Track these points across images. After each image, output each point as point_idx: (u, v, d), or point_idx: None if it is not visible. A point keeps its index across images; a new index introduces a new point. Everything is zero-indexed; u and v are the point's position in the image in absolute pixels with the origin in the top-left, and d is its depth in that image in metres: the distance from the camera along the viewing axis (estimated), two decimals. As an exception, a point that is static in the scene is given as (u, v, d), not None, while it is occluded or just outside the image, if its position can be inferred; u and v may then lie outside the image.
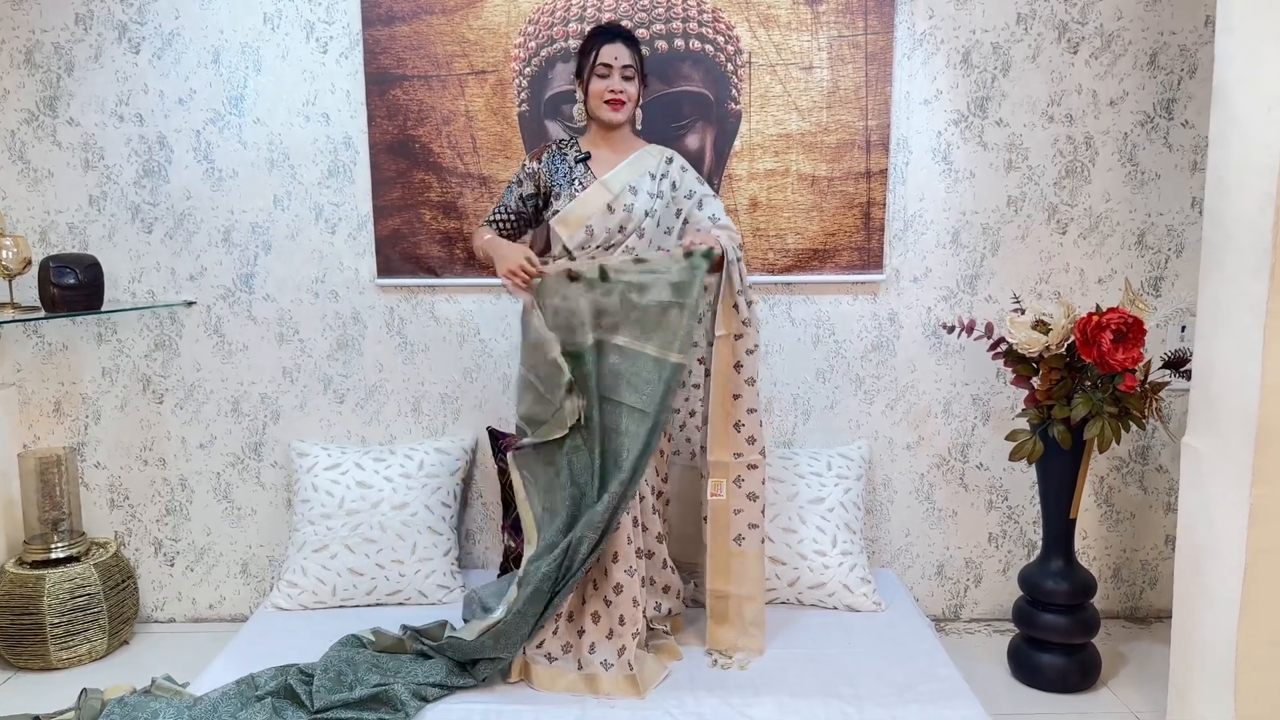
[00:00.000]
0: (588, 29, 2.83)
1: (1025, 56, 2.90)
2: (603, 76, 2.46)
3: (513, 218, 2.56)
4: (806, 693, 2.28)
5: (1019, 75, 2.91)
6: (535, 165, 2.54)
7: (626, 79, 2.47)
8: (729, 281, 2.39)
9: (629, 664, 2.30)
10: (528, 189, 2.54)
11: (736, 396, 2.45)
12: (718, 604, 2.49)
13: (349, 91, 2.93)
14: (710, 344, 2.44)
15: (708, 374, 2.46)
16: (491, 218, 2.57)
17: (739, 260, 2.41)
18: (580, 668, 2.33)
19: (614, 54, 2.46)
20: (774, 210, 2.94)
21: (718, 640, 2.49)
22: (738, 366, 2.44)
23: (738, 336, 2.42)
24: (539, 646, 2.35)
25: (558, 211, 2.48)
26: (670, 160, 2.58)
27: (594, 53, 2.47)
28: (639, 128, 2.62)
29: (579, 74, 2.53)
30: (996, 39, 2.89)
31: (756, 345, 2.46)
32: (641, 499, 2.48)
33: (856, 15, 2.86)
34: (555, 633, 2.36)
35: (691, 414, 2.72)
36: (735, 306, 2.41)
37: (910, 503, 3.11)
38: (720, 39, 2.87)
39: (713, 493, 2.45)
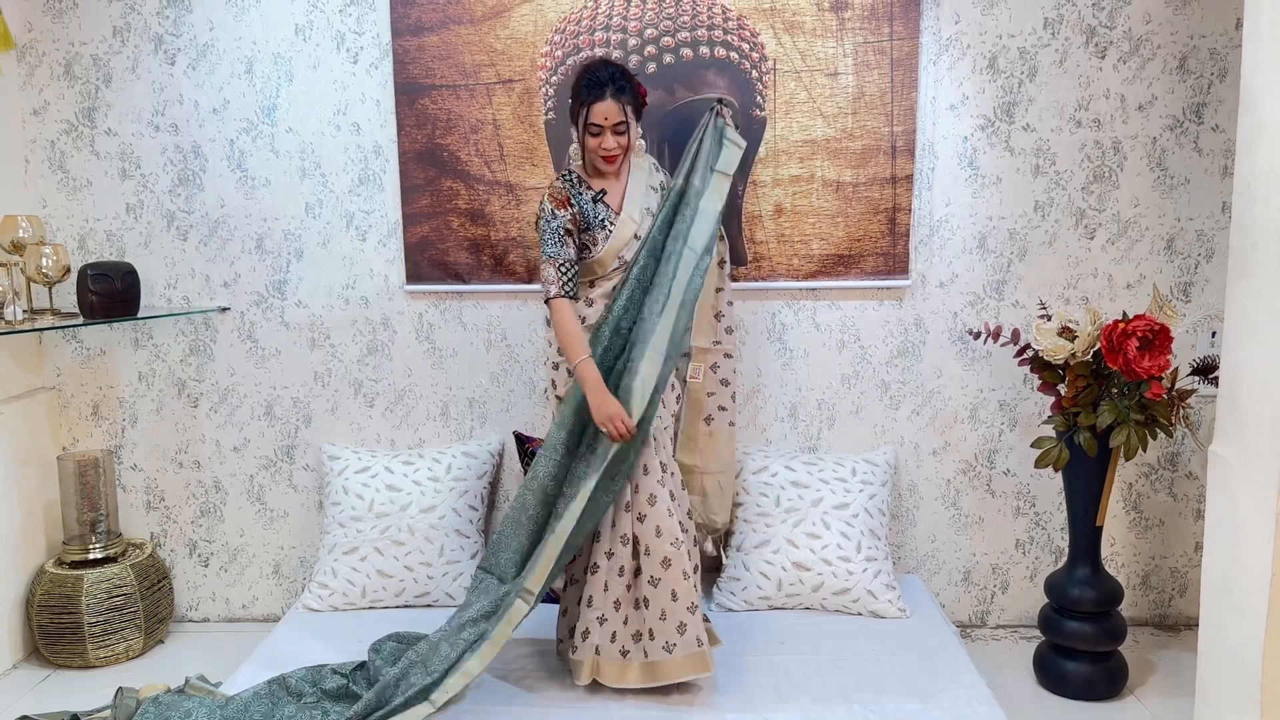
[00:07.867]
0: (614, 37, 2.86)
1: (1052, 61, 2.89)
2: (594, 134, 2.43)
3: (577, 267, 2.48)
4: (829, 700, 2.29)
5: (1046, 80, 2.90)
6: (570, 210, 2.46)
7: (618, 134, 2.43)
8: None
9: (696, 640, 2.27)
10: (575, 235, 2.48)
11: (719, 289, 2.73)
12: (686, 477, 2.68)
13: (379, 101, 2.97)
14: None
15: None
16: (563, 283, 2.42)
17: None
18: (645, 656, 2.31)
19: (604, 114, 2.40)
20: (799, 216, 2.95)
21: None
22: (721, 263, 2.72)
23: (721, 238, 2.66)
24: (613, 640, 2.32)
25: (594, 254, 2.49)
26: (657, 166, 2.65)
27: (584, 110, 2.42)
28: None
29: (573, 117, 2.48)
30: (1023, 44, 2.88)
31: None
32: (672, 474, 2.48)
33: (882, 21, 2.86)
34: (626, 621, 2.34)
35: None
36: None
37: (936, 509, 3.11)
38: (745, 46, 2.88)
39: (691, 375, 2.69)
